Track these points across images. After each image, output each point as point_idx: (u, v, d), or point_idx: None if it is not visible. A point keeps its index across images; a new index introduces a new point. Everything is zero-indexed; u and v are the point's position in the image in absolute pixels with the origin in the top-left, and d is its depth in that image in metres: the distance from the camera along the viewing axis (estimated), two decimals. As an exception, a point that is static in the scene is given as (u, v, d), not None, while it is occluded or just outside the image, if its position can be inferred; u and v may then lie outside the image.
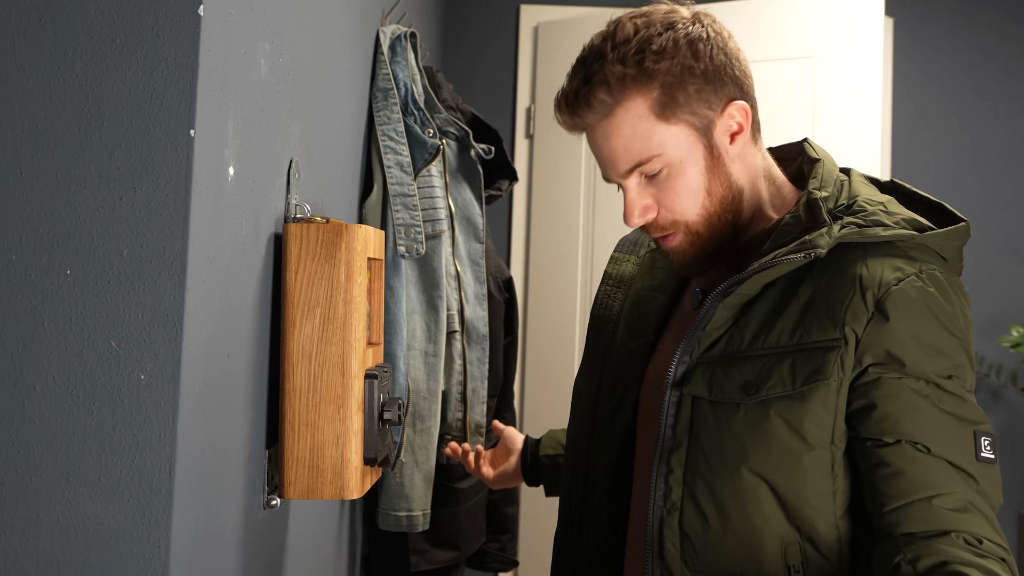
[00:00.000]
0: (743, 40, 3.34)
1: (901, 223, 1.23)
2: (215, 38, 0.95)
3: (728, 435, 1.20)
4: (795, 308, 1.20)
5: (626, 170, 1.26)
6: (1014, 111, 3.47)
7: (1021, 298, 3.46)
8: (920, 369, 1.16)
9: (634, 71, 1.22)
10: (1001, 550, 1.10)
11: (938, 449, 1.13)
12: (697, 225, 1.27)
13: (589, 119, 1.26)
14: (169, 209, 0.92)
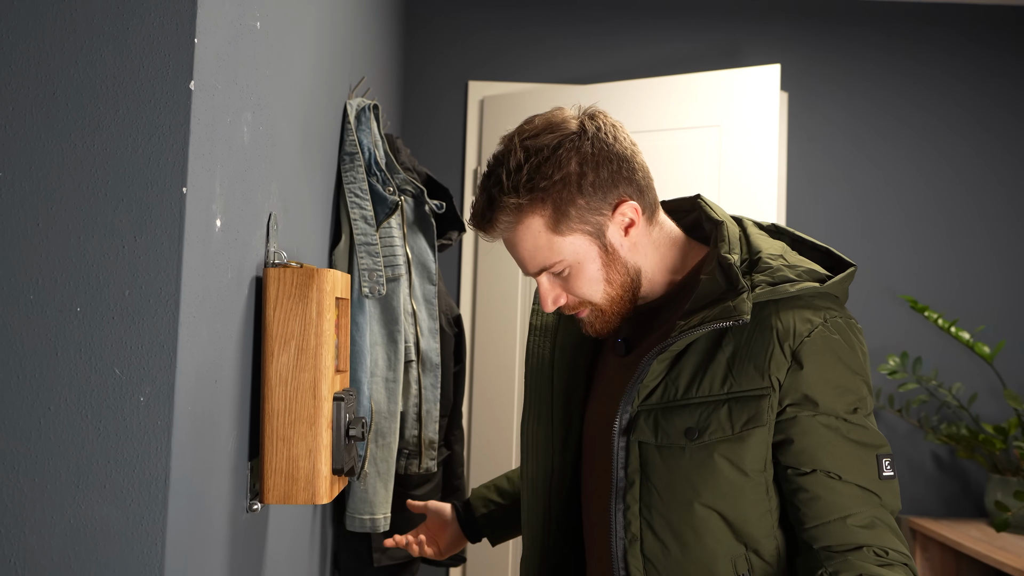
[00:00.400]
0: (658, 111, 3.41)
1: (803, 275, 1.25)
2: (204, 109, 0.97)
3: (678, 475, 1.23)
4: (722, 360, 1.23)
5: (534, 272, 1.30)
6: (892, 170, 3.56)
7: (896, 331, 3.53)
8: (831, 407, 1.20)
9: (527, 198, 1.24)
10: (903, 556, 1.17)
11: (848, 476, 1.19)
12: (601, 305, 1.30)
13: (496, 236, 1.30)
14: (164, 255, 0.93)
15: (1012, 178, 3.56)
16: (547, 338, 1.44)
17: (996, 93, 3.57)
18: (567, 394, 1.42)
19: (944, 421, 3.47)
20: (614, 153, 1.26)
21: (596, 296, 1.29)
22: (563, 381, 1.42)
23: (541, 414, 1.43)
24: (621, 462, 1.27)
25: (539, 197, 1.24)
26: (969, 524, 3.31)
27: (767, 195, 3.05)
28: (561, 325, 1.44)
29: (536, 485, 1.44)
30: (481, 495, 1.67)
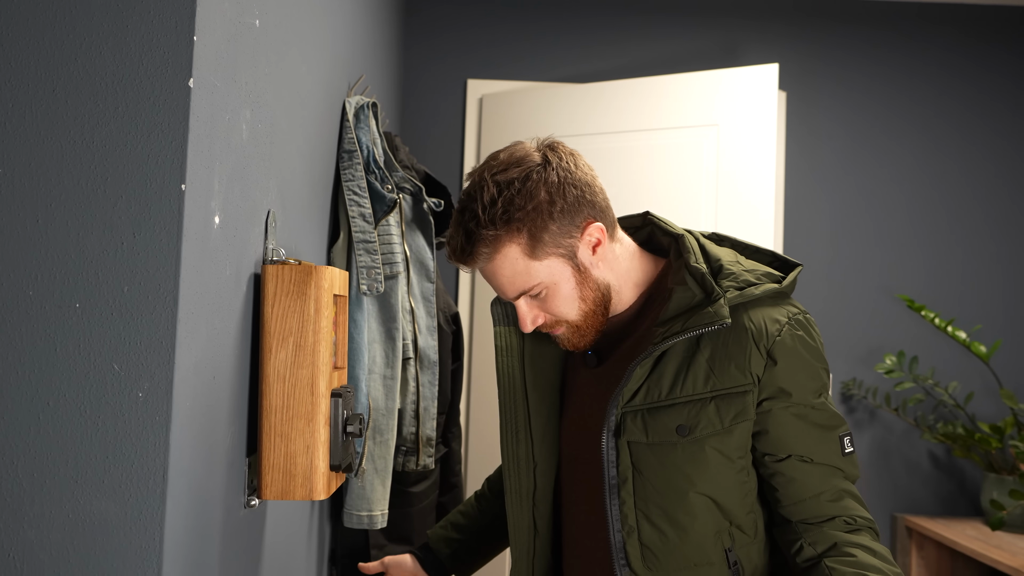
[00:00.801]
0: (656, 110, 3.41)
1: (762, 279, 1.39)
2: (203, 107, 0.97)
3: (672, 468, 1.35)
4: (701, 361, 1.35)
5: (513, 297, 1.38)
6: (890, 169, 3.56)
7: (893, 331, 3.54)
8: (801, 397, 1.35)
9: (503, 229, 1.32)
10: (867, 521, 1.34)
11: (818, 458, 1.35)
12: (576, 321, 1.40)
13: (476, 267, 1.38)
14: (163, 252, 0.93)
15: (1010, 178, 3.56)
16: (515, 358, 1.52)
17: (994, 93, 3.57)
18: (541, 410, 1.50)
19: (940, 420, 3.48)
20: (577, 179, 1.36)
21: (572, 314, 1.39)
22: (536, 398, 1.50)
23: (519, 431, 1.51)
24: (612, 461, 1.38)
25: (515, 227, 1.33)
26: (965, 523, 3.31)
27: (765, 194, 3.05)
28: (527, 344, 1.51)
29: (521, 498, 1.51)
30: (440, 536, 1.73)
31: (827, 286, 3.54)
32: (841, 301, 3.54)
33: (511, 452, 1.51)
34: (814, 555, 1.32)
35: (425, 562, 1.70)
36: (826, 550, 1.31)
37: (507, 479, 1.52)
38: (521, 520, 1.52)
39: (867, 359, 3.52)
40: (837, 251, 3.55)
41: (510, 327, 1.52)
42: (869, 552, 1.29)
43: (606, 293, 1.41)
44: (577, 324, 1.40)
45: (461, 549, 1.71)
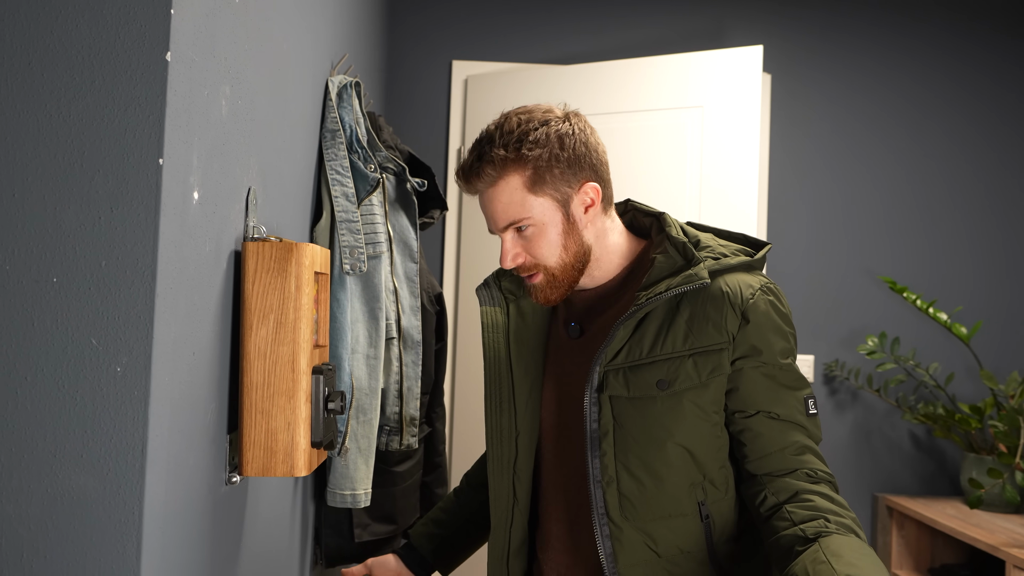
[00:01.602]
0: (641, 92, 3.43)
1: (736, 253, 1.51)
2: (180, 81, 0.97)
3: (652, 420, 1.43)
4: (680, 323, 1.44)
5: (504, 226, 1.46)
6: (873, 151, 3.57)
7: (875, 312, 3.56)
8: (771, 356, 1.44)
9: (513, 155, 1.43)
10: (827, 475, 1.42)
11: (784, 414, 1.43)
12: (554, 269, 1.48)
13: (479, 187, 1.47)
14: (141, 227, 0.93)
15: (990, 162, 3.58)
16: (500, 334, 1.61)
17: (974, 81, 3.59)
18: (524, 382, 1.57)
19: (921, 401, 3.50)
20: (587, 142, 1.48)
21: (552, 259, 1.47)
22: (520, 371, 1.57)
23: (503, 402, 1.58)
24: (595, 417, 1.46)
25: (523, 157, 1.43)
26: (945, 502, 3.34)
27: (749, 175, 3.06)
28: (512, 321, 1.61)
29: (502, 467, 1.58)
30: (422, 533, 1.80)
31: (810, 268, 3.55)
32: (824, 283, 3.55)
33: (494, 422, 1.59)
34: (776, 503, 1.39)
35: (408, 560, 1.77)
36: (788, 498, 1.38)
37: (489, 449, 1.60)
38: (501, 489, 1.58)
39: (849, 340, 3.54)
40: (820, 233, 3.56)
41: (496, 307, 1.61)
42: (827, 499, 1.37)
43: (587, 254, 1.50)
44: (554, 273, 1.47)
45: (443, 544, 1.78)
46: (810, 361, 3.53)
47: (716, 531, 1.46)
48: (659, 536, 1.44)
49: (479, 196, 1.48)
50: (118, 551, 0.93)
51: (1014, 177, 3.58)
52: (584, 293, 1.56)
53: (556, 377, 1.56)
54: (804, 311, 3.54)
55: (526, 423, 1.56)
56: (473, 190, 1.48)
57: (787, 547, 1.33)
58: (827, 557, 1.24)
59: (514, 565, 1.60)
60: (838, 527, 1.32)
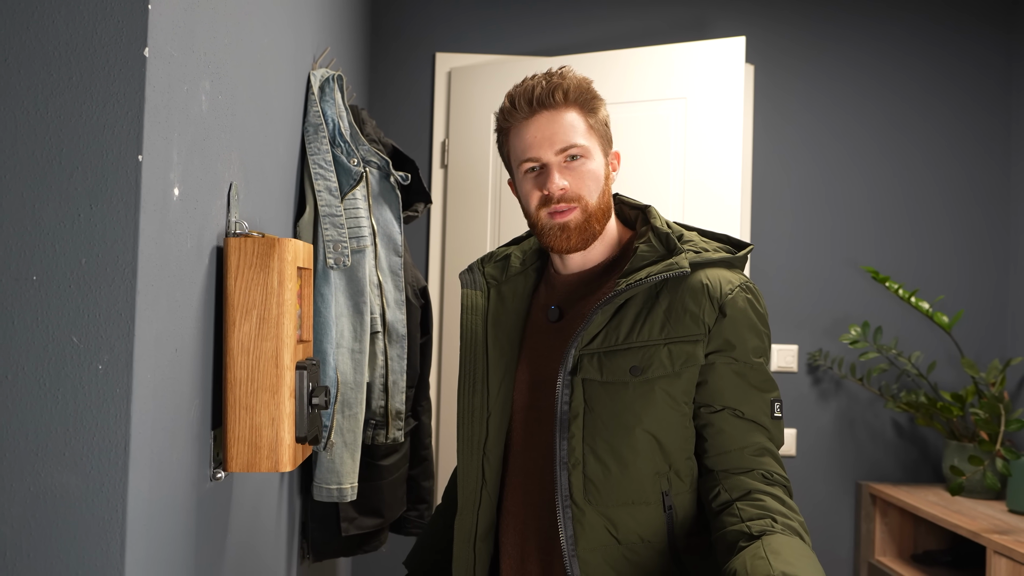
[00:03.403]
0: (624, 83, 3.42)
1: (718, 250, 1.53)
2: (159, 77, 0.96)
3: (622, 405, 1.44)
4: (659, 312, 1.45)
5: (560, 148, 1.48)
6: (855, 141, 3.58)
7: (858, 302, 3.57)
8: (743, 353, 1.45)
9: (587, 90, 1.51)
10: (783, 479, 1.43)
11: (748, 414, 1.45)
12: (591, 207, 1.50)
13: (543, 108, 1.48)
14: (121, 223, 0.92)
15: (970, 153, 3.59)
16: (479, 316, 1.62)
17: (956, 72, 3.60)
18: (499, 364, 1.58)
19: (904, 389, 3.52)
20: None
21: (593, 195, 1.50)
22: (496, 353, 1.59)
23: (476, 383, 1.60)
24: (565, 398, 1.46)
25: (589, 100, 1.51)
26: (927, 489, 3.36)
27: (732, 166, 3.06)
28: (491, 305, 1.62)
29: (472, 448, 1.59)
30: (416, 561, 1.83)
31: (794, 258, 3.56)
32: (807, 273, 3.56)
33: (467, 402, 1.60)
34: (728, 499, 1.41)
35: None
36: (740, 496, 1.40)
37: (460, 429, 1.61)
38: (470, 469, 1.60)
39: (832, 330, 3.55)
40: (804, 223, 3.57)
41: (476, 290, 1.63)
42: (778, 501, 1.38)
43: (609, 210, 1.55)
44: (590, 211, 1.49)
45: (438, 565, 1.80)
46: (794, 351, 3.54)
47: (678, 523, 1.47)
48: (620, 522, 1.45)
49: (530, 120, 1.50)
50: (102, 549, 0.92)
51: (995, 166, 3.60)
52: (567, 277, 1.58)
53: (531, 360, 1.57)
54: (788, 301, 3.55)
55: (498, 404, 1.57)
56: (530, 113, 1.50)
57: (732, 542, 1.35)
58: (766, 554, 1.25)
59: (481, 549, 1.60)
60: (783, 528, 1.33)
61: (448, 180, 3.48)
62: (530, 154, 1.50)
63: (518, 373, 1.59)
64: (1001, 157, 3.60)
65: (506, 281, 1.63)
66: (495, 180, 3.39)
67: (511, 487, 1.58)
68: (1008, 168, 3.59)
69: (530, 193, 1.52)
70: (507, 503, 1.59)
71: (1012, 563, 2.58)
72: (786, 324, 3.55)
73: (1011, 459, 2.99)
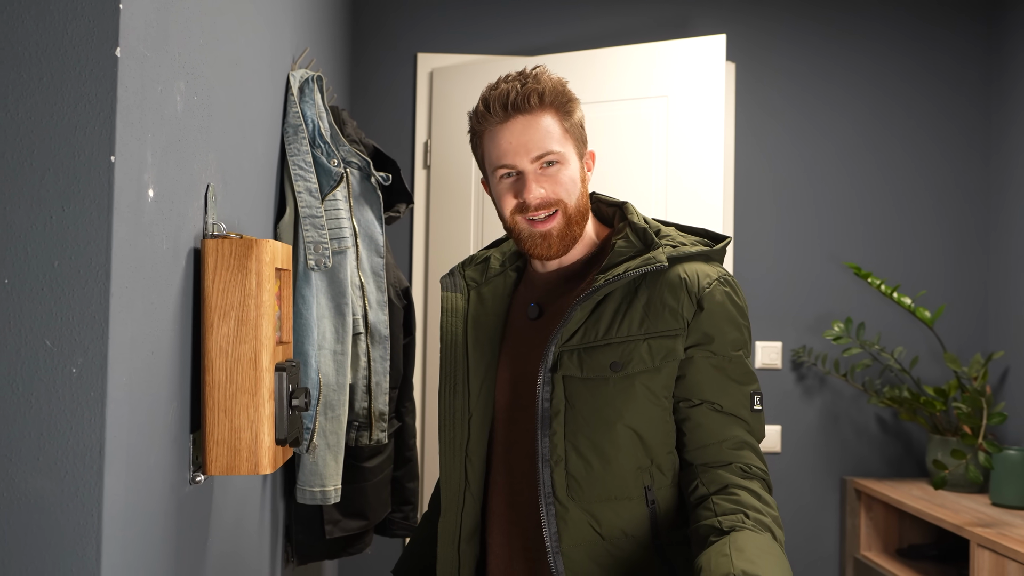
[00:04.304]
0: (606, 82, 3.42)
1: (696, 244, 1.52)
2: (131, 77, 0.95)
3: (603, 401, 1.44)
4: (638, 307, 1.45)
5: (536, 156, 1.47)
6: (839, 140, 3.59)
7: (841, 298, 3.58)
8: (722, 346, 1.45)
9: (561, 93, 1.49)
10: (762, 472, 1.43)
11: (727, 407, 1.44)
12: (571, 210, 1.49)
13: (517, 113, 1.47)
14: (94, 225, 0.91)
15: (952, 147, 3.61)
16: (459, 318, 1.62)
17: (936, 67, 3.61)
18: (480, 365, 1.58)
19: (887, 384, 3.53)
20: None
21: (572, 197, 1.49)
22: (476, 355, 1.58)
23: (457, 385, 1.59)
24: (546, 396, 1.46)
25: (564, 102, 1.49)
26: (911, 484, 3.38)
27: (714, 164, 3.06)
28: (471, 307, 1.62)
29: (454, 450, 1.58)
30: (405, 568, 1.81)
31: (777, 255, 3.57)
32: (790, 269, 3.57)
33: (448, 404, 1.60)
34: (705, 493, 1.40)
35: None
36: (716, 490, 1.40)
37: (442, 432, 1.60)
38: (453, 472, 1.59)
39: (816, 326, 3.56)
40: (786, 220, 3.58)
41: (457, 293, 1.63)
42: (754, 495, 1.38)
43: (587, 211, 1.55)
44: (570, 214, 1.49)
45: (427, 573, 1.79)
46: (778, 348, 3.55)
47: (661, 517, 1.47)
48: (604, 518, 1.45)
49: (505, 125, 1.48)
50: (78, 554, 0.91)
51: (976, 159, 3.61)
52: (547, 275, 1.58)
53: (512, 359, 1.57)
54: (772, 298, 3.56)
55: (479, 406, 1.57)
56: (505, 118, 1.48)
57: (703, 536, 1.35)
58: (730, 551, 1.25)
59: (466, 551, 1.59)
60: (755, 524, 1.33)
61: (431, 181, 3.47)
62: (505, 161, 1.48)
63: (500, 372, 1.58)
64: (982, 150, 3.61)
65: (486, 283, 1.63)
66: (478, 181, 3.38)
67: (495, 487, 1.57)
68: (988, 161, 3.61)
69: (504, 197, 1.51)
70: (492, 503, 1.58)
71: (995, 556, 2.59)
72: (770, 321, 3.55)
73: (993, 452, 3.00)
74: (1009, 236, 3.48)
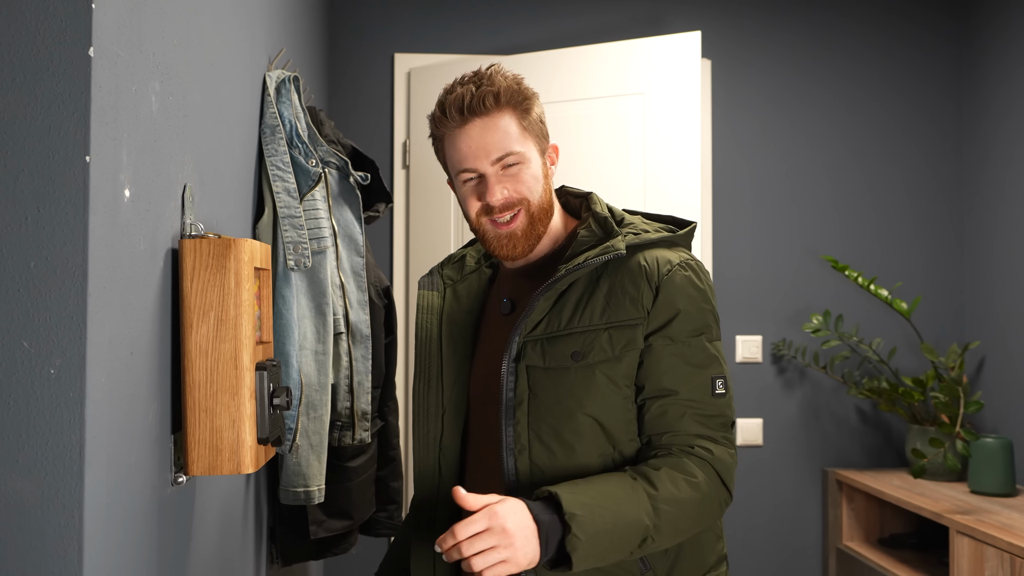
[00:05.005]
0: (582, 80, 3.43)
1: (659, 230, 1.52)
2: (105, 77, 0.94)
3: (564, 391, 1.44)
4: (600, 296, 1.45)
5: (497, 157, 1.46)
6: (815, 135, 3.61)
7: (819, 291, 3.60)
8: (679, 331, 1.43)
9: (517, 91, 1.48)
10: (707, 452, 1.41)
11: (684, 393, 1.43)
12: (534, 207, 1.49)
13: (474, 116, 1.46)
14: (70, 226, 0.90)
15: (925, 139, 3.64)
16: (434, 315, 1.62)
17: (909, 62, 3.64)
18: (452, 361, 1.58)
19: (866, 376, 3.55)
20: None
21: (535, 195, 1.49)
22: (450, 351, 1.59)
23: (431, 380, 1.59)
24: (510, 385, 1.47)
25: (520, 100, 1.48)
26: (891, 473, 3.40)
27: (691, 160, 3.07)
28: (446, 304, 1.63)
29: (428, 444, 1.59)
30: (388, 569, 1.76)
31: (756, 249, 3.58)
32: (768, 264, 3.59)
33: (421, 400, 1.60)
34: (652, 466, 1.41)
35: None
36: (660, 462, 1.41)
37: (416, 427, 1.61)
38: (427, 466, 1.59)
39: (795, 319, 3.58)
40: (764, 215, 3.59)
41: (433, 291, 1.64)
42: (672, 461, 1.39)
43: (552, 208, 1.53)
44: (532, 212, 1.49)
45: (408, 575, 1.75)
46: (758, 341, 3.56)
47: None
48: None
49: (463, 129, 1.47)
50: (59, 557, 0.91)
51: (949, 151, 3.64)
52: (517, 270, 1.59)
53: (486, 354, 1.57)
54: (751, 292, 3.57)
55: (452, 402, 1.57)
56: (462, 122, 1.47)
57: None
58: (583, 481, 1.34)
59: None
60: (634, 471, 1.37)
61: (410, 180, 3.47)
62: (466, 165, 1.48)
63: (474, 368, 1.59)
64: (954, 143, 3.64)
65: (461, 280, 1.65)
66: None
67: (471, 480, 1.57)
68: (961, 154, 3.64)
69: (468, 200, 1.51)
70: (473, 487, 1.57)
71: (974, 542, 2.61)
72: (749, 315, 3.57)
73: (971, 440, 3.02)
74: (983, 227, 3.51)
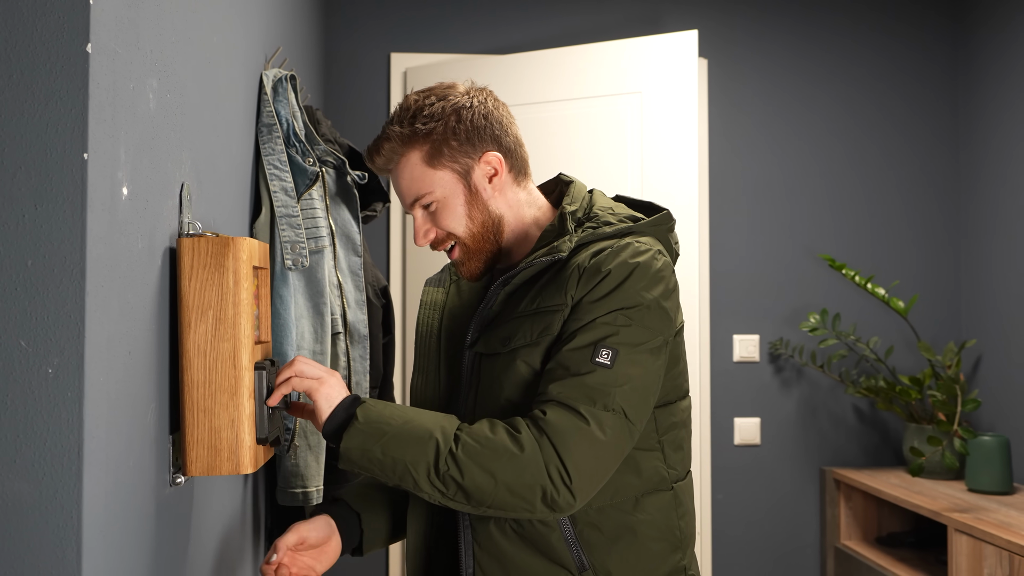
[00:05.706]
0: (579, 79, 3.42)
1: (623, 220, 1.48)
2: (103, 74, 0.93)
3: (491, 377, 1.43)
4: (539, 287, 1.44)
5: (410, 203, 1.50)
6: (812, 133, 3.61)
7: (816, 290, 3.60)
8: (585, 313, 1.36)
9: (408, 130, 1.46)
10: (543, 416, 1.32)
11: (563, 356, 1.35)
12: (464, 239, 1.50)
13: (380, 164, 1.50)
14: (67, 224, 0.89)
15: (921, 138, 3.64)
16: (436, 311, 1.62)
17: (905, 62, 3.64)
18: (449, 354, 1.57)
19: (863, 374, 3.55)
20: (489, 114, 1.50)
21: (460, 229, 1.49)
22: (447, 344, 1.58)
23: (428, 373, 1.59)
24: (468, 372, 1.48)
25: (418, 132, 1.46)
26: (889, 472, 3.40)
27: (688, 159, 3.07)
28: (449, 300, 1.63)
29: None
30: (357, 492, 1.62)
31: (753, 249, 3.58)
32: (766, 263, 3.58)
33: (418, 389, 1.60)
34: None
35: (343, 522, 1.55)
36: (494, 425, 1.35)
37: None
38: None
39: (792, 319, 3.58)
40: (761, 214, 3.59)
41: (439, 287, 1.63)
42: (514, 423, 1.33)
43: (497, 223, 1.51)
44: (466, 243, 1.49)
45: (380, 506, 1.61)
46: (755, 340, 3.56)
47: None
48: None
49: (390, 176, 1.52)
50: (57, 558, 0.90)
51: (945, 150, 3.64)
52: (506, 267, 1.57)
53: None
54: (748, 292, 3.57)
55: (446, 392, 1.56)
56: (379, 169, 1.52)
57: None
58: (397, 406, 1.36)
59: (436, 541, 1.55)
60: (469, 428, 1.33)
61: (407, 180, 3.46)
62: (402, 206, 1.52)
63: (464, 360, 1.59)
64: (950, 142, 3.64)
65: None
66: (454, 179, 3.37)
67: None
68: (956, 153, 3.64)
69: None
70: None
71: (972, 540, 2.61)
72: (746, 314, 3.57)
73: (968, 438, 3.02)
74: (979, 225, 3.51)
